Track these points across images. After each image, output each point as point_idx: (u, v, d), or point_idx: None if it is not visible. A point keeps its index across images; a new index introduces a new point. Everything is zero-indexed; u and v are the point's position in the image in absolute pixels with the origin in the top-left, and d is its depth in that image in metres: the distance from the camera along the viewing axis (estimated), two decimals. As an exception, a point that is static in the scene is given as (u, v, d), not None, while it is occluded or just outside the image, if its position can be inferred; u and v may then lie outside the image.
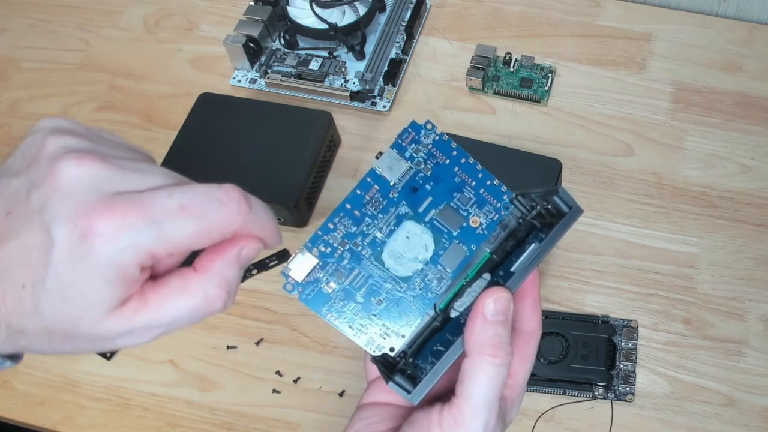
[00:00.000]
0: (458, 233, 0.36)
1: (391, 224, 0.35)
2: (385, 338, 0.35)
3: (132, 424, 0.59)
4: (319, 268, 0.35)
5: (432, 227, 0.36)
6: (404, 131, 0.36)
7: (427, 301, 0.36)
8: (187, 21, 0.82)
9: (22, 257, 0.26)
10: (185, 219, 0.27)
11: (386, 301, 0.35)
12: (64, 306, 0.27)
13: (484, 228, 0.36)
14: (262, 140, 0.67)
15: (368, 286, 0.35)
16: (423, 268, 0.36)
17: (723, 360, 0.60)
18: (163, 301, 0.28)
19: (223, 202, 0.28)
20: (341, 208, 0.35)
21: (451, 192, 0.36)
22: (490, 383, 0.32)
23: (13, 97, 0.77)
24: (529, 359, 0.36)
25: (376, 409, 0.36)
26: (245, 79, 0.76)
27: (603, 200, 0.68)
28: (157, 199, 0.27)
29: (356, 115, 0.74)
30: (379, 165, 0.35)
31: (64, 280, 0.26)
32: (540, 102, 0.73)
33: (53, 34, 0.82)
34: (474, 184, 0.36)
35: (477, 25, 0.79)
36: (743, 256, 0.65)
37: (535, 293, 0.36)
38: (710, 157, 0.70)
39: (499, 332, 0.32)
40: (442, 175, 0.36)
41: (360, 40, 0.74)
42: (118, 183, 0.27)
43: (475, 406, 0.32)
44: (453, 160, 0.36)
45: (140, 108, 0.76)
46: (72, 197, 0.27)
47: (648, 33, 0.78)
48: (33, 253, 0.26)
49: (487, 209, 0.36)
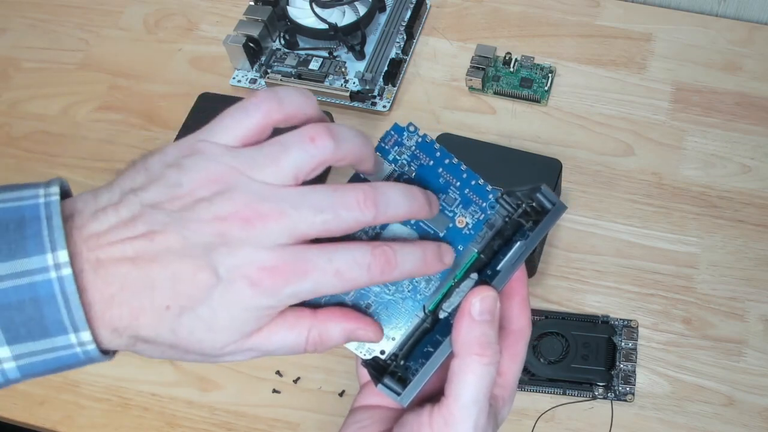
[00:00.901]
0: (445, 234, 0.36)
1: (377, 227, 0.35)
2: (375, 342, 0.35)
3: (132, 424, 0.59)
4: None
5: (418, 229, 0.35)
6: (387, 134, 0.35)
7: (416, 303, 0.35)
8: (187, 21, 0.82)
9: (172, 283, 0.29)
10: (337, 281, 0.30)
11: (375, 304, 0.35)
12: (204, 333, 0.30)
13: (471, 228, 0.36)
14: (262, 140, 0.67)
15: (356, 290, 0.35)
16: None
17: (723, 360, 0.60)
18: (275, 332, 0.31)
19: (370, 269, 0.31)
20: None
21: (436, 193, 0.35)
22: (479, 382, 0.32)
23: (13, 97, 0.77)
24: (519, 358, 0.36)
25: (368, 412, 0.37)
26: (245, 79, 0.76)
27: (603, 200, 0.68)
28: (319, 263, 0.30)
29: (356, 115, 0.74)
30: None
31: (218, 314, 0.29)
32: (540, 102, 0.73)
33: (53, 34, 0.82)
34: (459, 185, 0.36)
35: (477, 25, 0.79)
36: (743, 256, 0.65)
37: (523, 291, 0.36)
38: (710, 157, 0.70)
39: (486, 332, 0.32)
40: (427, 177, 0.35)
41: (360, 40, 0.74)
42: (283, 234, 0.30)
43: (465, 406, 0.32)
44: (437, 162, 0.36)
45: (140, 108, 0.76)
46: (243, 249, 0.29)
47: (648, 33, 0.78)
48: (188, 283, 0.29)
49: (473, 209, 0.36)
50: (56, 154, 0.73)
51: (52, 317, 0.28)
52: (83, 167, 0.71)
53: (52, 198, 0.29)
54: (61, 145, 0.73)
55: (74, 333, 0.28)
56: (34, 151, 0.73)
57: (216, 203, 0.29)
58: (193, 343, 0.30)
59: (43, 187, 0.29)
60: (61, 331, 0.28)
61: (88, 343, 0.29)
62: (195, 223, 0.29)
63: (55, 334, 0.28)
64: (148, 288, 0.29)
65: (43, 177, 0.31)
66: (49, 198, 0.29)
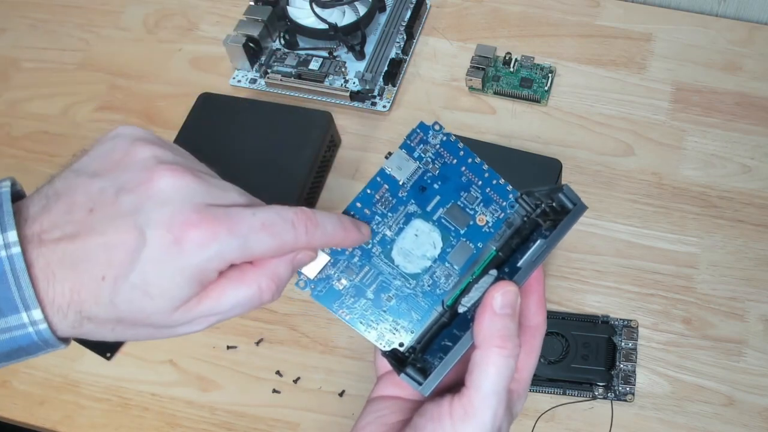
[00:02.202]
0: (465, 231, 0.37)
1: (401, 222, 0.36)
2: (395, 334, 0.36)
3: (132, 424, 0.59)
4: (330, 265, 0.36)
5: (440, 225, 0.37)
6: (413, 132, 0.36)
7: (435, 298, 0.37)
8: (187, 21, 0.82)
9: (105, 253, 0.29)
10: (265, 236, 0.31)
11: (396, 297, 0.36)
12: (142, 301, 0.30)
13: (491, 226, 0.37)
14: (262, 140, 0.67)
15: (378, 282, 0.36)
16: (431, 265, 0.36)
17: (723, 360, 0.60)
18: (223, 291, 0.31)
19: (294, 224, 0.32)
20: (352, 207, 0.36)
21: (459, 191, 0.37)
22: (499, 374, 0.32)
23: (13, 97, 0.77)
24: (535, 352, 0.37)
25: (387, 402, 0.37)
26: (245, 79, 0.76)
27: (603, 200, 0.68)
28: (244, 216, 0.31)
29: (356, 115, 0.74)
30: (388, 165, 0.36)
31: (149, 278, 0.29)
32: (540, 102, 0.73)
33: (53, 34, 0.82)
34: (480, 184, 0.37)
35: (477, 25, 0.79)
36: (743, 256, 0.65)
37: (540, 289, 0.37)
38: (710, 157, 0.70)
39: (507, 324, 0.33)
40: (450, 175, 0.37)
41: (360, 40, 0.74)
42: (206, 197, 0.31)
43: (485, 396, 0.32)
44: (460, 160, 0.37)
45: (140, 108, 0.76)
46: (168, 205, 0.30)
47: (648, 33, 0.78)
48: (119, 250, 0.29)
49: (493, 208, 0.37)
50: (56, 154, 0.73)
51: (3, 295, 0.28)
52: (83, 167, 0.71)
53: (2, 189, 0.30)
54: (61, 145, 0.73)
55: (25, 312, 0.29)
56: (34, 151, 0.73)
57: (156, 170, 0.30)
58: (136, 313, 0.30)
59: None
60: (13, 310, 0.29)
61: (39, 321, 0.29)
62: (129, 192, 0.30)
63: (7, 314, 0.29)
64: (83, 260, 0.29)
65: (43, 177, 0.31)
66: None
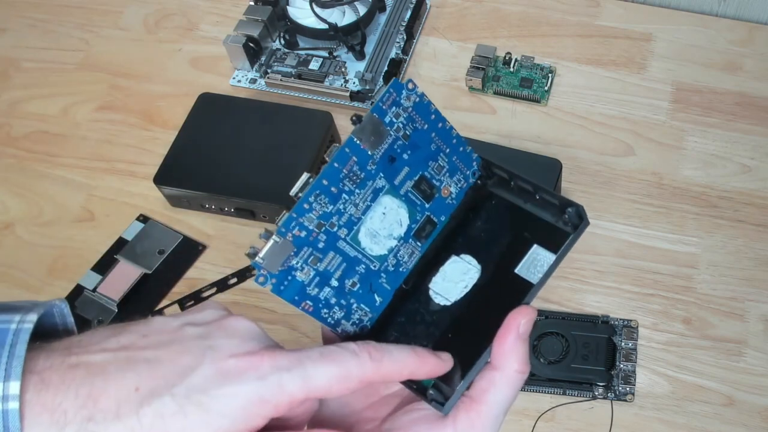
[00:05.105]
0: (430, 205, 0.36)
1: (368, 200, 0.35)
2: (357, 322, 0.36)
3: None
4: (293, 255, 0.33)
5: (407, 201, 0.36)
6: (385, 92, 0.34)
7: (398, 277, 0.36)
8: (187, 21, 0.82)
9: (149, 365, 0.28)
10: (325, 363, 0.30)
11: (360, 282, 0.35)
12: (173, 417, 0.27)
13: (453, 198, 0.37)
14: (262, 140, 0.67)
15: (342, 269, 0.35)
16: (396, 244, 0.36)
17: (723, 360, 0.60)
18: None
19: (356, 352, 0.31)
20: (317, 185, 0.33)
21: (427, 161, 0.36)
22: (513, 395, 0.34)
23: (13, 97, 0.77)
24: None
25: None
26: (245, 79, 0.76)
27: (603, 200, 0.68)
28: (302, 349, 0.31)
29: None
30: (357, 134, 0.33)
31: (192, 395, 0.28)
32: (540, 102, 0.73)
33: (53, 34, 0.82)
34: (448, 152, 0.36)
35: (477, 25, 0.79)
36: (743, 256, 0.65)
37: None
38: (710, 157, 0.70)
39: (526, 348, 0.34)
40: (420, 143, 0.35)
41: (360, 40, 0.74)
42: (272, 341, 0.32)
43: (497, 414, 0.33)
44: (431, 125, 0.36)
45: (140, 108, 0.76)
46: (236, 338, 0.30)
47: (648, 33, 0.78)
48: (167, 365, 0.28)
49: (458, 177, 0.37)
50: (56, 154, 0.73)
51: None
52: (83, 167, 0.71)
53: (25, 325, 0.27)
54: (61, 145, 0.73)
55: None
56: (34, 151, 0.73)
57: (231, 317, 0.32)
58: None
59: (21, 313, 0.28)
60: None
61: None
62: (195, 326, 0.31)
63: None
64: (120, 371, 0.28)
65: (43, 177, 0.31)
66: (22, 325, 0.27)
